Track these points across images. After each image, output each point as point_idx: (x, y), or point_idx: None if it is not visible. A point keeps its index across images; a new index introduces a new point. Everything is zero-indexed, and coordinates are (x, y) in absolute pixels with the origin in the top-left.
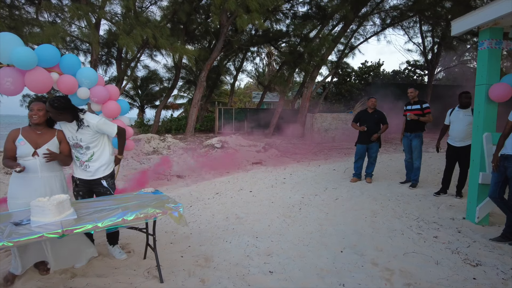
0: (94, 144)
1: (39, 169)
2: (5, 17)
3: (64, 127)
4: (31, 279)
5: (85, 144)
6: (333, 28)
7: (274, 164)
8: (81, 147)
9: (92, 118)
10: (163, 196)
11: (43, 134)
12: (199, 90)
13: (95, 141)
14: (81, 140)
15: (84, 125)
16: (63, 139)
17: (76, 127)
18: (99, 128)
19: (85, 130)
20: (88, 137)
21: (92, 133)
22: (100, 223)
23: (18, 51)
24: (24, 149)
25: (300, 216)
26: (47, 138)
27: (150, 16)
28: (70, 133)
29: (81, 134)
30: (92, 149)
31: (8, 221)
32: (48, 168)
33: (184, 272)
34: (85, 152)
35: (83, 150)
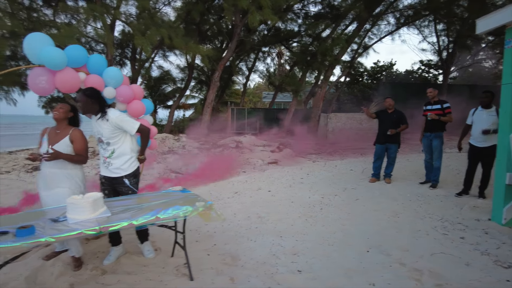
0: (114, 140)
1: (48, 165)
2: (24, 19)
3: (93, 121)
4: (64, 275)
5: (106, 140)
6: (346, 28)
7: (290, 164)
8: (103, 142)
9: (112, 113)
10: (192, 195)
11: (60, 133)
12: (213, 90)
13: (115, 138)
14: (102, 135)
15: (105, 118)
16: (77, 138)
17: (100, 120)
18: (117, 124)
19: (104, 124)
20: (107, 132)
21: (112, 128)
22: (134, 220)
23: (49, 51)
24: (43, 147)
25: (321, 216)
26: (61, 137)
27: (164, 17)
28: (95, 127)
29: (102, 128)
30: (113, 145)
31: (45, 217)
32: (56, 165)
33: (213, 271)
34: (106, 148)
35: (105, 145)
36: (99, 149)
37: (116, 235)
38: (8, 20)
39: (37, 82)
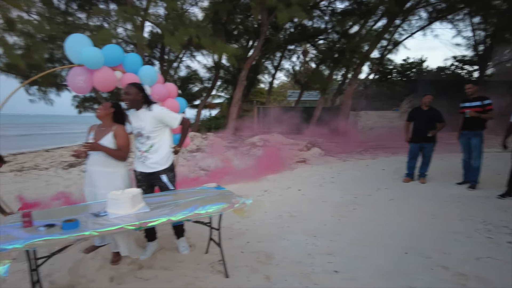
0: (155, 135)
1: (93, 162)
2: (60, 23)
3: (132, 116)
4: (103, 268)
5: (146, 133)
6: (375, 24)
7: (319, 163)
8: (142, 136)
9: (157, 106)
10: (227, 192)
11: (104, 130)
12: (239, 89)
13: (155, 132)
14: (144, 128)
15: (150, 111)
16: (120, 134)
17: (144, 113)
18: (162, 117)
19: (148, 117)
20: (150, 126)
21: (155, 121)
22: (173, 216)
23: (88, 51)
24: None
25: (355, 216)
26: (105, 133)
27: (191, 17)
28: (135, 121)
29: (144, 122)
30: (152, 140)
31: (87, 212)
32: (101, 163)
33: (247, 268)
34: (145, 142)
35: (144, 139)
36: (135, 144)
37: (152, 231)
38: (47, 25)
39: (76, 81)
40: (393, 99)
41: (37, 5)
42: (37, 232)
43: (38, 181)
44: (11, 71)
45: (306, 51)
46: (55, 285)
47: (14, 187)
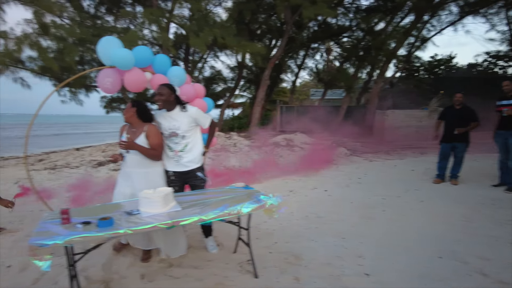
0: (189, 134)
1: (128, 164)
2: (89, 26)
3: (163, 117)
4: (134, 266)
5: (182, 133)
6: (401, 20)
7: (345, 163)
8: (176, 136)
9: (191, 107)
10: (255, 191)
11: (136, 131)
12: (263, 88)
13: (190, 131)
14: (179, 128)
15: (185, 110)
16: (152, 133)
17: (178, 113)
18: (196, 117)
19: (183, 117)
20: (185, 126)
21: (190, 121)
22: (204, 215)
23: (119, 52)
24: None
25: (384, 218)
26: (137, 134)
27: (216, 17)
28: (168, 122)
29: (179, 122)
30: (187, 139)
31: (121, 210)
32: (137, 164)
33: (276, 269)
34: (180, 142)
35: (178, 139)
36: (168, 144)
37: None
38: (77, 28)
39: (105, 82)
40: (421, 97)
41: (68, 10)
42: (74, 229)
43: (70, 179)
44: (45, 74)
45: (330, 49)
46: (90, 280)
47: (49, 185)
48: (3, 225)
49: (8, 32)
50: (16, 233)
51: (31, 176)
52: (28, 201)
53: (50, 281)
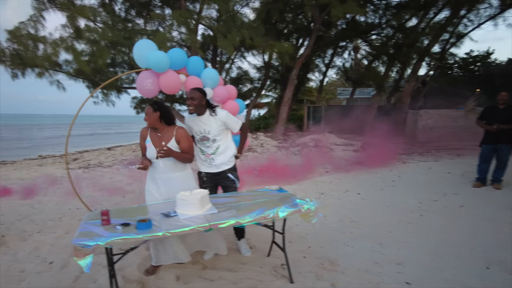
0: (220, 137)
1: (163, 170)
2: (121, 29)
3: (194, 121)
4: (170, 267)
5: (212, 137)
6: (435, 15)
7: (377, 165)
8: (208, 140)
9: (220, 111)
10: (290, 195)
11: (163, 136)
12: (290, 88)
13: (220, 135)
14: (209, 132)
15: (215, 114)
16: (182, 137)
17: (208, 118)
18: (226, 120)
19: (213, 121)
20: (215, 129)
21: (220, 125)
22: (241, 219)
23: (155, 55)
24: (150, 151)
25: (422, 223)
26: (166, 139)
27: (244, 18)
28: (198, 126)
29: (209, 126)
30: (218, 142)
31: (158, 212)
32: (171, 169)
33: (312, 274)
34: (211, 145)
35: (210, 143)
36: (199, 148)
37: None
38: (109, 31)
39: (144, 84)
40: (455, 96)
41: (101, 14)
42: (114, 231)
43: (103, 178)
44: (79, 76)
45: (358, 47)
46: (127, 279)
47: (84, 184)
48: (44, 222)
49: (47, 37)
50: (57, 230)
51: (69, 174)
52: (67, 199)
53: (89, 279)
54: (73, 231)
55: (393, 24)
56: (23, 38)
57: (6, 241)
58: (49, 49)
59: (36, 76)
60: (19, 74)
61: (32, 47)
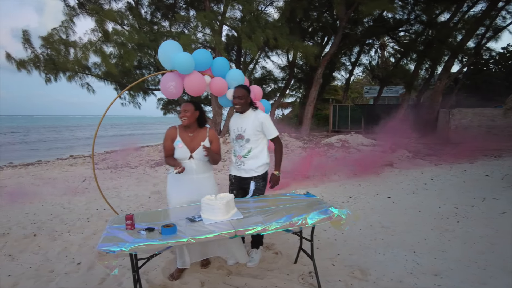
0: (255, 139)
1: (195, 171)
2: (147, 32)
3: (234, 118)
4: (194, 272)
5: (247, 136)
6: (469, 9)
7: (408, 167)
8: (242, 139)
9: (261, 112)
10: (319, 200)
11: (195, 136)
12: (315, 87)
13: (255, 136)
14: (245, 130)
15: (256, 113)
16: (215, 138)
17: (248, 115)
18: (263, 121)
19: (252, 120)
20: (251, 129)
21: (257, 125)
22: (268, 225)
23: (179, 56)
24: (181, 152)
25: (460, 230)
26: (200, 140)
27: (268, 17)
28: (237, 123)
29: (246, 124)
30: (251, 144)
31: (182, 216)
32: (202, 170)
33: (342, 284)
34: (244, 146)
35: (243, 142)
36: (234, 147)
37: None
38: (136, 34)
39: (167, 86)
40: (491, 93)
41: (128, 17)
42: (139, 236)
43: (130, 178)
44: (107, 78)
45: (385, 44)
46: (151, 283)
47: (111, 184)
48: (73, 222)
49: (77, 41)
50: (85, 231)
51: (95, 178)
52: (95, 200)
53: (115, 282)
54: (100, 232)
55: (423, 19)
56: (56, 43)
57: (37, 240)
58: (79, 53)
59: (66, 79)
60: (52, 78)
61: (63, 52)
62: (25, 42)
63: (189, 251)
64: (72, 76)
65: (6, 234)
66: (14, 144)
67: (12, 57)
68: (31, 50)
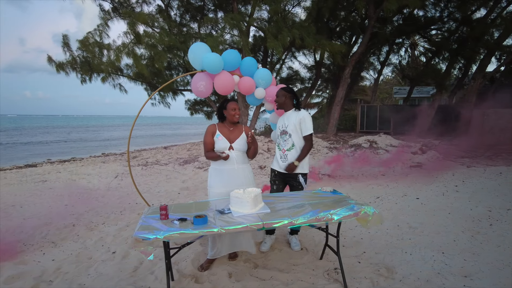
0: (295, 134)
1: (235, 161)
2: (176, 34)
3: (282, 115)
4: (222, 264)
5: (290, 131)
6: (508, 4)
7: (437, 169)
8: (286, 134)
9: (303, 111)
10: (345, 197)
11: (234, 130)
12: (343, 87)
13: (296, 132)
14: (287, 126)
15: (298, 110)
16: (250, 131)
17: (292, 113)
18: (303, 118)
19: (294, 117)
20: (293, 124)
21: (297, 121)
22: (295, 219)
23: (209, 57)
24: (221, 143)
25: (493, 233)
26: (238, 133)
27: (295, 18)
28: (282, 120)
29: (289, 121)
30: (293, 138)
31: (212, 208)
32: (241, 161)
33: (367, 281)
34: (288, 140)
35: (287, 137)
36: (279, 142)
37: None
38: (166, 36)
39: (198, 86)
40: None
41: (159, 20)
42: (172, 225)
43: (160, 175)
44: (138, 79)
45: (415, 43)
46: (181, 273)
47: (142, 180)
48: (108, 215)
49: (111, 44)
50: (118, 223)
51: (131, 173)
52: (127, 194)
53: (147, 271)
54: (133, 224)
55: (456, 16)
56: (91, 46)
57: (76, 230)
58: (112, 55)
59: (101, 80)
60: (87, 79)
61: (98, 54)
62: (64, 46)
63: (220, 243)
64: (106, 77)
65: (49, 223)
66: (49, 142)
67: (52, 60)
68: (69, 53)
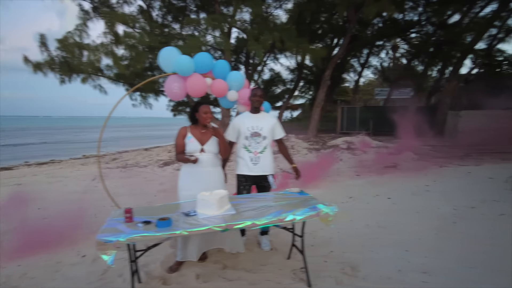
0: (268, 138)
1: (205, 164)
2: (158, 34)
3: (247, 117)
4: (191, 265)
5: (264, 134)
6: (481, 10)
7: (412, 169)
8: (259, 136)
9: (273, 115)
10: (311, 198)
11: (206, 132)
12: (323, 89)
13: (270, 135)
14: (262, 129)
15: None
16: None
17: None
18: (277, 123)
19: (267, 120)
20: (268, 128)
21: (271, 124)
22: (257, 221)
23: (179, 59)
24: (193, 145)
25: (456, 231)
26: (209, 135)
27: (276, 20)
28: (252, 122)
29: (263, 123)
30: (266, 142)
31: (179, 211)
32: (212, 163)
33: (331, 279)
34: (261, 142)
35: (260, 139)
36: (249, 144)
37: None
38: (147, 37)
39: (171, 88)
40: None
41: (140, 20)
42: (136, 228)
43: (138, 177)
44: (119, 80)
45: (396, 46)
46: (150, 275)
47: (120, 182)
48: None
49: (90, 44)
50: (93, 226)
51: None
52: (105, 197)
53: (116, 273)
54: None
55: (433, 21)
56: (70, 46)
57: None
58: (92, 56)
59: (80, 81)
60: (67, 79)
61: (77, 54)
62: (41, 45)
63: (192, 245)
64: (86, 78)
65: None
66: (28, 144)
67: (29, 60)
68: (47, 52)
